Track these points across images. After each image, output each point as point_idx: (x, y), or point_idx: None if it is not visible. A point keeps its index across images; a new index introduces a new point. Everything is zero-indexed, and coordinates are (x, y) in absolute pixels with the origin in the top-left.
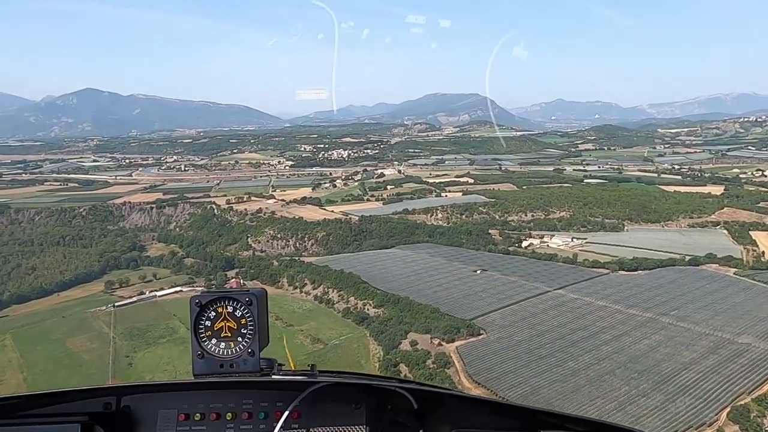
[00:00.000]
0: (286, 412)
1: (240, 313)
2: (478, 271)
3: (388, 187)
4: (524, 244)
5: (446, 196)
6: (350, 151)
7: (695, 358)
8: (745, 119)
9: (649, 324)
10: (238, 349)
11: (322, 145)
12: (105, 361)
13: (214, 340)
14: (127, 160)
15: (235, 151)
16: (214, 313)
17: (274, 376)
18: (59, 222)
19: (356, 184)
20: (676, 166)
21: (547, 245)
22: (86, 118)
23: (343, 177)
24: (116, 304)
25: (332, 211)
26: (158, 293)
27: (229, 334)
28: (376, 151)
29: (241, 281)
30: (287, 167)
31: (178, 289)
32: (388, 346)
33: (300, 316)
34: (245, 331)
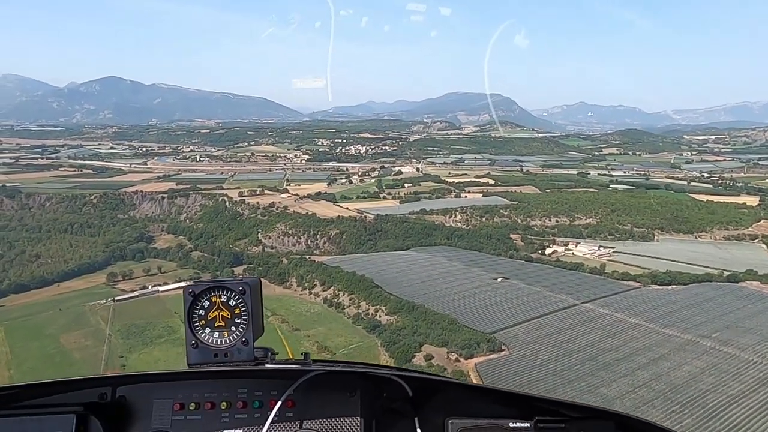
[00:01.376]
0: (280, 401)
1: (234, 302)
2: (500, 279)
3: (406, 185)
4: (548, 251)
5: (466, 196)
6: (368, 147)
7: (744, 391)
8: None
9: (689, 347)
10: (232, 339)
11: (339, 140)
12: (98, 360)
13: (208, 330)
14: (144, 149)
15: (252, 143)
16: (207, 303)
17: (267, 365)
18: (69, 209)
19: (373, 180)
20: (706, 174)
21: (572, 253)
22: (108, 106)
23: (359, 173)
24: (116, 298)
25: (347, 208)
26: (161, 288)
27: (223, 324)
28: (395, 148)
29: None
30: (303, 161)
31: (182, 284)
32: (400, 359)
33: (307, 320)
34: (239, 321)
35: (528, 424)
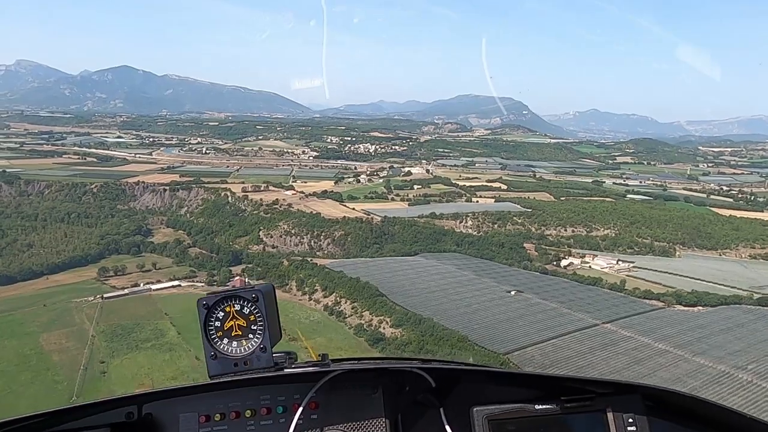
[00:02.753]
0: (302, 405)
1: (248, 310)
2: (513, 293)
3: (415, 186)
4: (563, 262)
5: (477, 201)
6: (377, 146)
7: None
8: None
9: (724, 380)
10: (250, 346)
11: (349, 138)
12: (77, 364)
13: (225, 340)
14: (151, 139)
15: (260, 137)
16: (222, 313)
17: (286, 370)
18: (68, 197)
19: (381, 180)
20: (724, 187)
21: (590, 266)
22: (119, 95)
23: (368, 172)
24: (105, 295)
25: (353, 209)
26: (153, 286)
27: (240, 333)
28: (405, 148)
29: (246, 280)
30: (311, 158)
31: (176, 283)
32: None
33: (306, 329)
34: (255, 328)
35: (554, 405)
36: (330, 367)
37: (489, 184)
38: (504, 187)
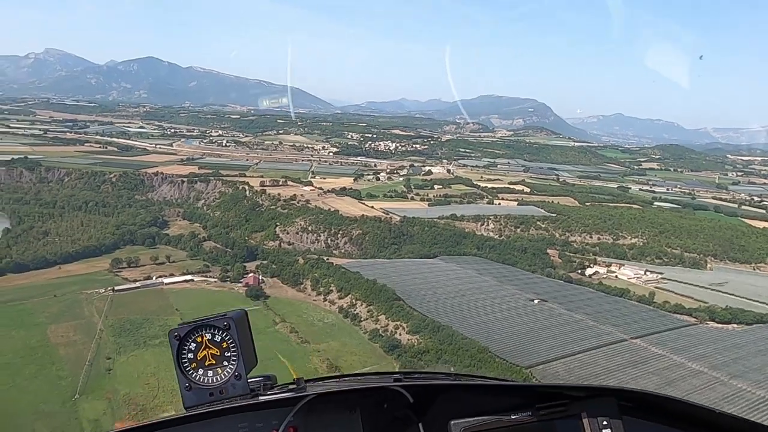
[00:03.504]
0: (280, 430)
1: (220, 338)
2: (536, 301)
3: (435, 186)
4: (588, 271)
5: (499, 203)
6: (398, 144)
7: None
8: None
9: (764, 408)
10: (225, 375)
11: (369, 135)
12: (82, 359)
13: (201, 371)
14: (173, 130)
15: (280, 131)
16: (194, 344)
17: (261, 397)
18: (87, 186)
19: (401, 179)
20: (756, 198)
21: (616, 276)
22: (143, 86)
23: (387, 170)
24: (116, 288)
25: (372, 207)
26: (165, 280)
27: (214, 362)
28: (425, 147)
29: (260, 277)
30: (331, 153)
31: (188, 277)
32: None
33: (319, 332)
34: (229, 355)
35: (530, 413)
36: (306, 390)
37: (511, 186)
38: (527, 189)
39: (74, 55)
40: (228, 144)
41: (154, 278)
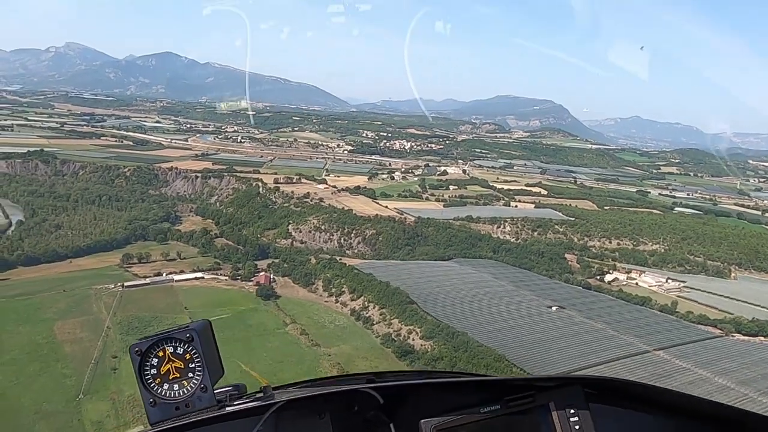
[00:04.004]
0: None
1: (183, 350)
2: (554, 308)
3: (451, 187)
4: (608, 277)
5: (516, 206)
6: (413, 143)
7: None
8: None
9: None
10: (190, 387)
11: (384, 133)
12: (88, 358)
13: (165, 385)
14: (189, 125)
15: (296, 128)
16: (156, 359)
17: (227, 408)
18: (101, 179)
19: (416, 179)
20: None
21: (636, 283)
22: (161, 81)
23: (402, 169)
24: (126, 284)
25: (386, 207)
26: (176, 277)
27: (178, 375)
28: (441, 147)
29: (272, 277)
30: (346, 151)
31: (199, 275)
32: None
33: (330, 334)
34: (193, 366)
35: (499, 406)
36: (274, 397)
37: (528, 188)
38: (544, 192)
39: (94, 49)
40: (243, 140)
41: (164, 275)
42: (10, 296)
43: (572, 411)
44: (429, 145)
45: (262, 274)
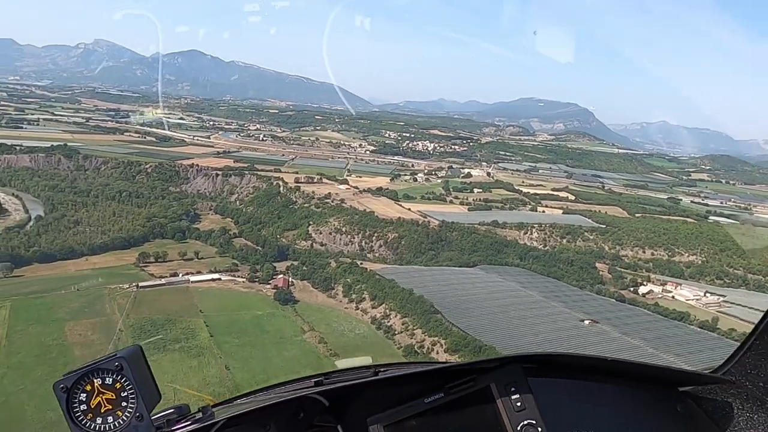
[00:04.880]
0: None
1: (112, 380)
2: (587, 322)
3: (475, 190)
4: (642, 289)
5: (543, 211)
6: (436, 144)
7: None
8: None
9: None
10: (125, 417)
11: (407, 134)
12: None
13: (99, 419)
14: (212, 122)
15: (318, 127)
16: (84, 394)
17: None
18: (123, 175)
19: (439, 181)
20: None
21: (673, 296)
22: (186, 78)
23: (425, 171)
24: (140, 284)
25: (409, 209)
26: (192, 278)
27: (111, 406)
28: (464, 149)
29: (290, 280)
30: (368, 152)
31: (215, 276)
32: None
33: (349, 344)
34: (126, 395)
35: (442, 394)
36: (215, 416)
37: (555, 193)
38: (571, 197)
39: (121, 46)
40: (265, 138)
41: (180, 275)
42: (24, 294)
43: (513, 389)
44: (452, 146)
45: (280, 277)
